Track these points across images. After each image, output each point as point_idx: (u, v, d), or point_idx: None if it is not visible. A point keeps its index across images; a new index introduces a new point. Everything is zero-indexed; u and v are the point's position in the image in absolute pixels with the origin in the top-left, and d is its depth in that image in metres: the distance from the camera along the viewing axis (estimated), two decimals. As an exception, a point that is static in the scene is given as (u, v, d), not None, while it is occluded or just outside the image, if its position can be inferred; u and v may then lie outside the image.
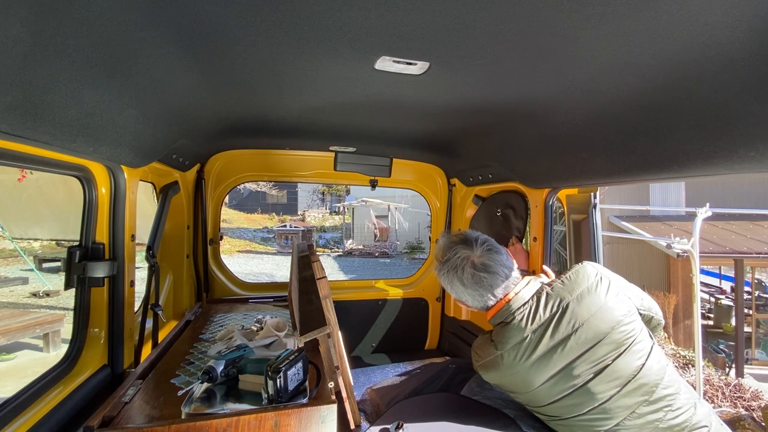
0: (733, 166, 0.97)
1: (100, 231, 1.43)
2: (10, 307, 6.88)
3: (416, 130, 1.95)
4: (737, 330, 7.46)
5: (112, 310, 1.45)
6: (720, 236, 8.02)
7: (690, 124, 1.02)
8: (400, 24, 0.85)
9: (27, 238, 9.31)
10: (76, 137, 0.97)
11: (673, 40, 0.82)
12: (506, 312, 1.28)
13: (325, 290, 1.35)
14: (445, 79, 1.19)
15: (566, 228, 1.95)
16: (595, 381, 1.16)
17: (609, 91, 1.13)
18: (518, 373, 1.22)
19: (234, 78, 1.24)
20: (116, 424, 1.03)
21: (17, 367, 4.62)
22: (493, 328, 1.34)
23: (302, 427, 1.10)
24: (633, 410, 1.15)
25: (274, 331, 1.60)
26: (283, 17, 0.84)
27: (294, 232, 16.69)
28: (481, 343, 1.33)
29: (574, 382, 1.17)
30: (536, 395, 1.24)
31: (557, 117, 1.40)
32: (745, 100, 0.86)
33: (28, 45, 0.67)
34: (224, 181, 2.56)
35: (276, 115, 1.74)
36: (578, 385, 1.17)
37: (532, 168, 1.86)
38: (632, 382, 1.16)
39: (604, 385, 1.16)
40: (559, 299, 1.24)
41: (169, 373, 1.37)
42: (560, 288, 1.26)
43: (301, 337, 1.14)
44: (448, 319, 2.98)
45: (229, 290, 2.59)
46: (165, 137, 1.48)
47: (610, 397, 1.16)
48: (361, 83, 1.26)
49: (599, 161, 1.41)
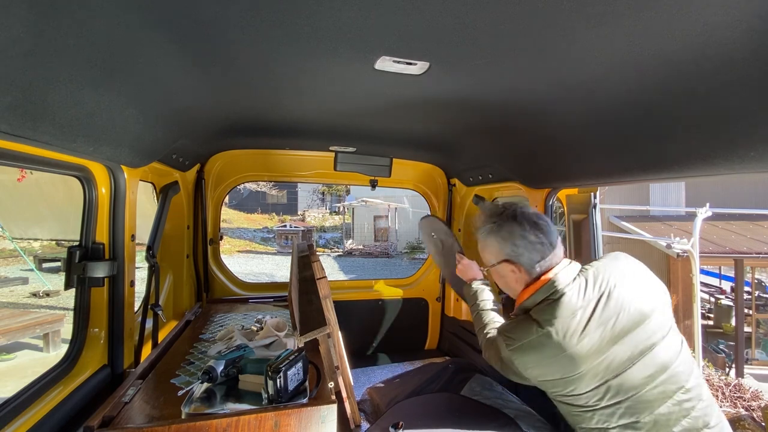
0: (733, 166, 0.97)
1: (100, 231, 1.43)
2: (10, 307, 6.88)
3: (416, 130, 1.95)
4: (737, 330, 7.46)
5: (112, 310, 1.45)
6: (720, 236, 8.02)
7: (690, 124, 1.02)
8: (400, 24, 0.85)
9: (27, 238, 9.30)
10: (76, 137, 0.97)
11: (673, 40, 0.82)
12: (551, 288, 1.20)
13: (325, 290, 1.35)
14: (445, 79, 1.19)
15: (566, 228, 1.95)
16: (637, 366, 1.12)
17: (609, 91, 1.13)
18: (566, 353, 1.12)
19: (234, 78, 1.24)
20: (116, 424, 1.03)
21: (17, 367, 4.62)
22: (520, 313, 1.26)
23: (302, 427, 1.10)
24: (671, 397, 1.12)
25: (274, 331, 1.60)
26: (282, 17, 0.84)
27: (294, 232, 16.69)
28: (516, 325, 1.22)
29: (618, 365, 1.12)
30: (580, 380, 1.14)
31: (557, 117, 1.40)
32: (745, 100, 0.86)
33: (29, 45, 0.67)
34: (224, 181, 2.56)
35: (276, 115, 1.74)
36: (623, 371, 1.12)
37: (532, 168, 1.86)
38: (671, 368, 1.13)
39: (646, 370, 1.12)
40: (605, 279, 1.19)
41: (169, 373, 1.37)
42: (603, 268, 1.22)
43: (301, 337, 1.14)
44: (448, 319, 2.98)
45: (229, 290, 2.59)
46: (165, 137, 1.48)
47: (650, 383, 1.12)
48: (361, 83, 1.26)
49: (599, 161, 1.41)
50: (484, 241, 1.34)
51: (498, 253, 1.31)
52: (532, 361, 1.17)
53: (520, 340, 1.19)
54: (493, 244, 1.32)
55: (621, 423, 1.14)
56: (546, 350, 1.14)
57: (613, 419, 1.14)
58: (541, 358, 1.15)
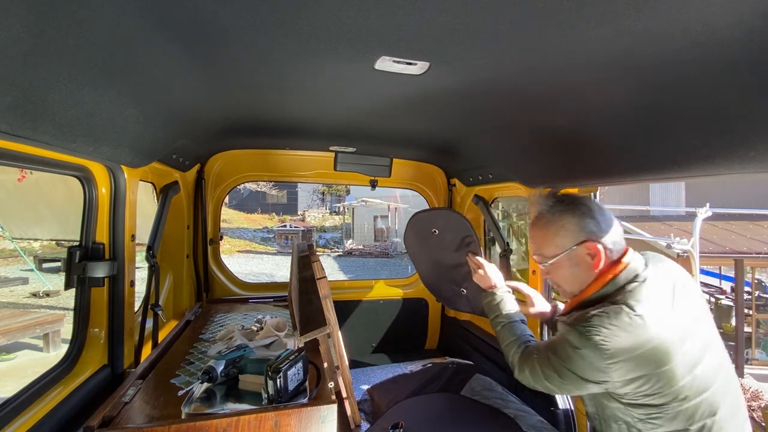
0: (733, 166, 0.97)
1: (100, 231, 1.43)
2: (11, 307, 6.88)
3: (416, 130, 1.95)
4: (737, 330, 7.46)
5: (112, 310, 1.45)
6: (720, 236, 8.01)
7: (690, 124, 1.02)
8: (400, 24, 0.85)
9: (27, 238, 9.30)
10: (76, 137, 0.97)
11: (673, 41, 0.82)
12: (634, 270, 1.09)
13: (324, 290, 1.34)
14: (445, 79, 1.19)
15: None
16: (707, 358, 1.04)
17: (609, 92, 1.13)
18: (660, 339, 0.99)
19: (234, 78, 1.24)
20: (116, 424, 1.03)
21: (17, 367, 4.63)
22: (590, 306, 1.10)
23: (302, 427, 1.10)
24: (730, 393, 1.07)
25: (274, 331, 1.60)
26: (283, 17, 0.84)
27: (294, 232, 16.70)
28: (596, 315, 1.03)
29: (698, 355, 1.04)
30: (673, 371, 1.00)
31: (557, 117, 1.40)
32: (745, 100, 0.86)
33: (29, 45, 0.67)
34: (224, 181, 2.56)
35: (276, 115, 1.74)
36: (701, 361, 1.03)
37: (531, 168, 1.86)
38: (727, 363, 1.10)
39: (713, 361, 1.06)
40: (666, 267, 1.13)
41: (169, 373, 1.37)
42: (654, 257, 1.16)
43: (301, 337, 1.14)
44: (448, 319, 2.98)
45: (229, 290, 2.59)
46: (165, 137, 1.48)
47: (718, 376, 1.06)
48: (361, 83, 1.26)
49: (599, 161, 1.41)
50: (559, 221, 1.16)
51: (578, 232, 1.13)
52: (625, 353, 0.99)
53: (610, 328, 0.99)
54: (571, 223, 1.14)
55: (699, 425, 1.02)
56: (641, 336, 0.98)
57: (695, 417, 1.02)
58: (635, 347, 0.98)
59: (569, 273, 1.17)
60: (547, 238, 1.19)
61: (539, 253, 1.22)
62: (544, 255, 1.21)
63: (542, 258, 1.22)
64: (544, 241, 1.20)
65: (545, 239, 1.20)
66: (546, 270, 1.23)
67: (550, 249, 1.19)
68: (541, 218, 1.21)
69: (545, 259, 1.21)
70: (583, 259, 1.14)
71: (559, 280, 1.22)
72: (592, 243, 1.12)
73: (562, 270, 1.18)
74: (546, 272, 1.24)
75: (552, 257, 1.18)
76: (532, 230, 1.25)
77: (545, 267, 1.22)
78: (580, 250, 1.13)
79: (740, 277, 7.40)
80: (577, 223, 1.14)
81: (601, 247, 1.11)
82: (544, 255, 1.21)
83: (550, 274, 1.23)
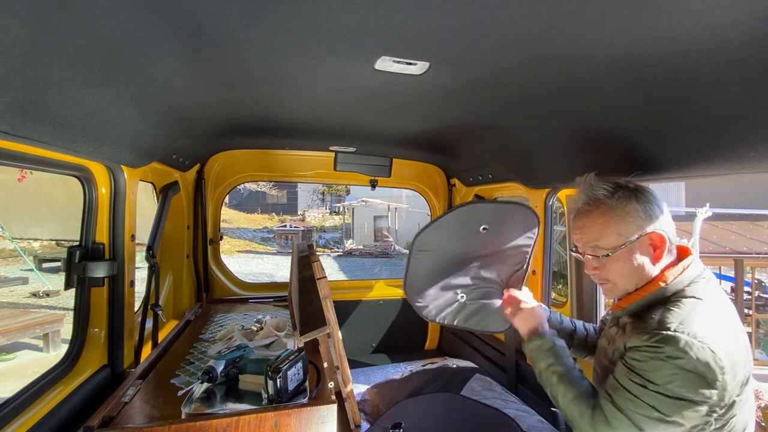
0: (733, 166, 0.97)
1: (100, 231, 1.43)
2: (10, 307, 6.88)
3: (416, 130, 1.95)
4: (737, 330, 7.45)
5: (112, 310, 1.45)
6: (720, 236, 8.01)
7: (690, 125, 1.02)
8: (400, 24, 0.85)
9: (27, 238, 9.30)
10: (76, 137, 0.97)
11: (673, 41, 0.82)
12: (697, 269, 1.00)
13: (325, 290, 1.34)
14: (445, 79, 1.19)
15: (566, 228, 1.95)
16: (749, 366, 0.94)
17: (609, 92, 1.13)
18: (739, 337, 0.90)
19: (234, 78, 1.24)
20: (116, 424, 1.03)
21: (17, 367, 4.62)
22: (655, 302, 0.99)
23: (302, 427, 1.10)
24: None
25: (274, 331, 1.60)
26: (283, 17, 0.84)
27: (294, 232, 16.69)
28: (674, 311, 0.91)
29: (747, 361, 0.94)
30: (747, 370, 0.90)
31: (557, 117, 1.40)
32: (745, 100, 0.86)
33: (29, 45, 0.67)
34: (224, 181, 2.56)
35: (276, 115, 1.74)
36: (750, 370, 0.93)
37: (531, 168, 1.86)
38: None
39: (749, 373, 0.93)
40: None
41: (169, 373, 1.37)
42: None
43: (301, 337, 1.14)
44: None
45: (229, 290, 2.59)
46: (165, 137, 1.48)
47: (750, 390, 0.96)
48: (361, 83, 1.26)
49: (599, 161, 1.41)
50: (623, 207, 1.02)
51: (643, 221, 1.01)
52: (725, 345, 0.85)
53: (712, 325, 0.86)
54: (637, 210, 1.01)
55: None
56: (727, 328, 0.88)
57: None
58: (728, 339, 0.86)
59: (629, 267, 1.02)
60: (609, 227, 1.03)
61: (594, 245, 1.06)
62: (601, 246, 1.04)
63: (598, 249, 1.05)
64: (603, 231, 1.04)
65: (605, 228, 1.04)
66: (598, 264, 1.07)
67: (610, 239, 1.03)
68: (598, 204, 1.05)
69: (602, 251, 1.04)
70: (647, 250, 1.01)
71: (614, 276, 1.05)
72: (659, 233, 1.00)
73: (620, 263, 1.03)
74: (596, 267, 1.08)
75: (611, 248, 1.03)
76: (583, 219, 1.09)
77: (600, 261, 1.06)
78: (641, 242, 1.01)
79: (740, 277, 7.40)
80: (644, 210, 1.01)
81: (667, 238, 1.00)
82: (600, 246, 1.05)
83: (601, 269, 1.07)
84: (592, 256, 1.08)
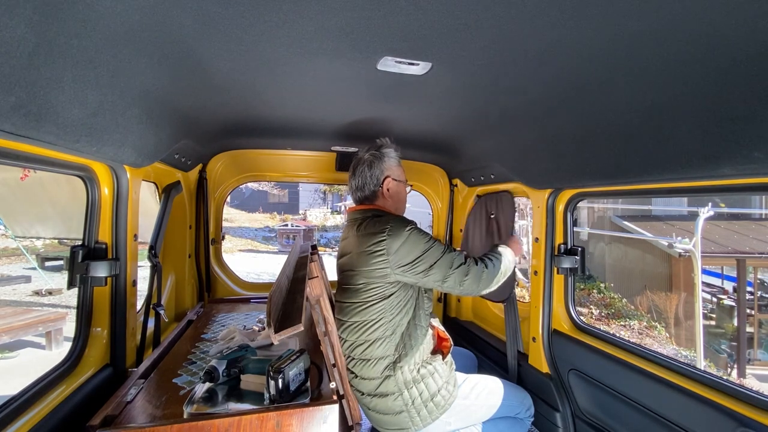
0: (737, 167, 0.96)
1: (102, 230, 1.43)
2: (13, 305, 6.90)
3: (418, 130, 1.95)
4: (739, 330, 7.44)
5: (115, 310, 1.45)
6: (722, 236, 7.99)
7: (693, 125, 1.01)
8: (402, 24, 0.85)
9: (30, 236, 9.32)
10: (80, 137, 0.97)
11: (676, 41, 0.82)
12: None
13: (317, 290, 1.32)
14: (447, 80, 1.19)
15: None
16: None
17: (611, 92, 1.12)
18: None
19: (236, 78, 1.24)
20: (118, 424, 1.04)
21: (20, 365, 4.64)
22: None
23: (304, 426, 1.10)
24: None
25: (276, 330, 1.60)
26: (285, 18, 0.84)
27: (295, 231, 16.70)
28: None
29: None
30: None
31: (559, 117, 1.40)
32: (749, 100, 0.85)
33: (32, 46, 0.67)
34: (226, 181, 2.56)
35: (278, 115, 1.74)
36: None
37: (533, 169, 1.85)
38: None
39: None
40: None
41: (171, 372, 1.38)
42: None
43: (276, 335, 1.09)
44: (449, 320, 2.98)
45: (231, 290, 2.60)
46: (167, 137, 1.48)
47: None
48: (364, 84, 1.26)
49: (601, 162, 1.41)
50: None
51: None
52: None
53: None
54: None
55: None
56: None
57: None
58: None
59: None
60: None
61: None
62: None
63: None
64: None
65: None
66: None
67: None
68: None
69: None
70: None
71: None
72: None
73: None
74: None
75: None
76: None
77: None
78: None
79: (742, 277, 7.38)
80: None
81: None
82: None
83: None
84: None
